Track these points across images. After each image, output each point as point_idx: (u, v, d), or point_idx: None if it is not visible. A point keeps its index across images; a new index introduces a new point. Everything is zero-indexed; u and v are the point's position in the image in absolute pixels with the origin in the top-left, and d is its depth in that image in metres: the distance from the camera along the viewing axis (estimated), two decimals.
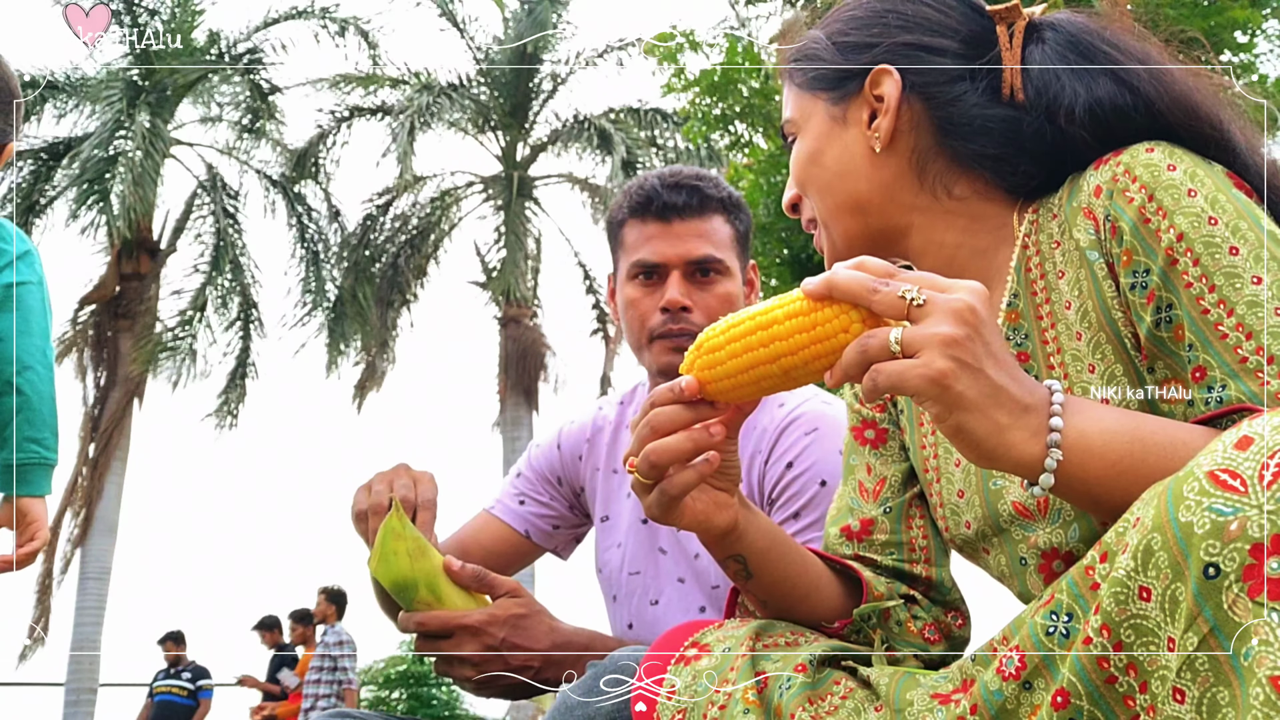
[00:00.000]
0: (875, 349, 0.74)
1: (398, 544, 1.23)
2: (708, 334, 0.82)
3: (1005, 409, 0.73)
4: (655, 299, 1.46)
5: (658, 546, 1.55)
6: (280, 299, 15.69)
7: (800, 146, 1.04)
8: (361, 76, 13.50)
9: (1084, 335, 0.90)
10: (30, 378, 1.98)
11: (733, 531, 0.94)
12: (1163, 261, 0.83)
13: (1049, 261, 0.93)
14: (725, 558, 0.97)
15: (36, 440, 1.99)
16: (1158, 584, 0.61)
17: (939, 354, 0.72)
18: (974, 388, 0.72)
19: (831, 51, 1.02)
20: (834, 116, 1.01)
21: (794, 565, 1.00)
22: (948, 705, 0.78)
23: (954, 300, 0.73)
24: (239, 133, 13.60)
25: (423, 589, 1.24)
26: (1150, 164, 0.85)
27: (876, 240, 1.01)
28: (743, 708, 0.84)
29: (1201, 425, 0.78)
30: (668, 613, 1.53)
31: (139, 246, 12.85)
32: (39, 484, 2.01)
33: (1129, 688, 0.64)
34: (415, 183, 13.38)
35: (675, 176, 1.49)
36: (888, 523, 1.08)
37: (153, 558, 22.02)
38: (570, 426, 1.67)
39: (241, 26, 13.35)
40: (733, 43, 7.69)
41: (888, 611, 1.03)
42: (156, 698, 8.81)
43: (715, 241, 1.47)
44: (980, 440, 0.74)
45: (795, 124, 1.05)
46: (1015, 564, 0.97)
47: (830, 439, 1.41)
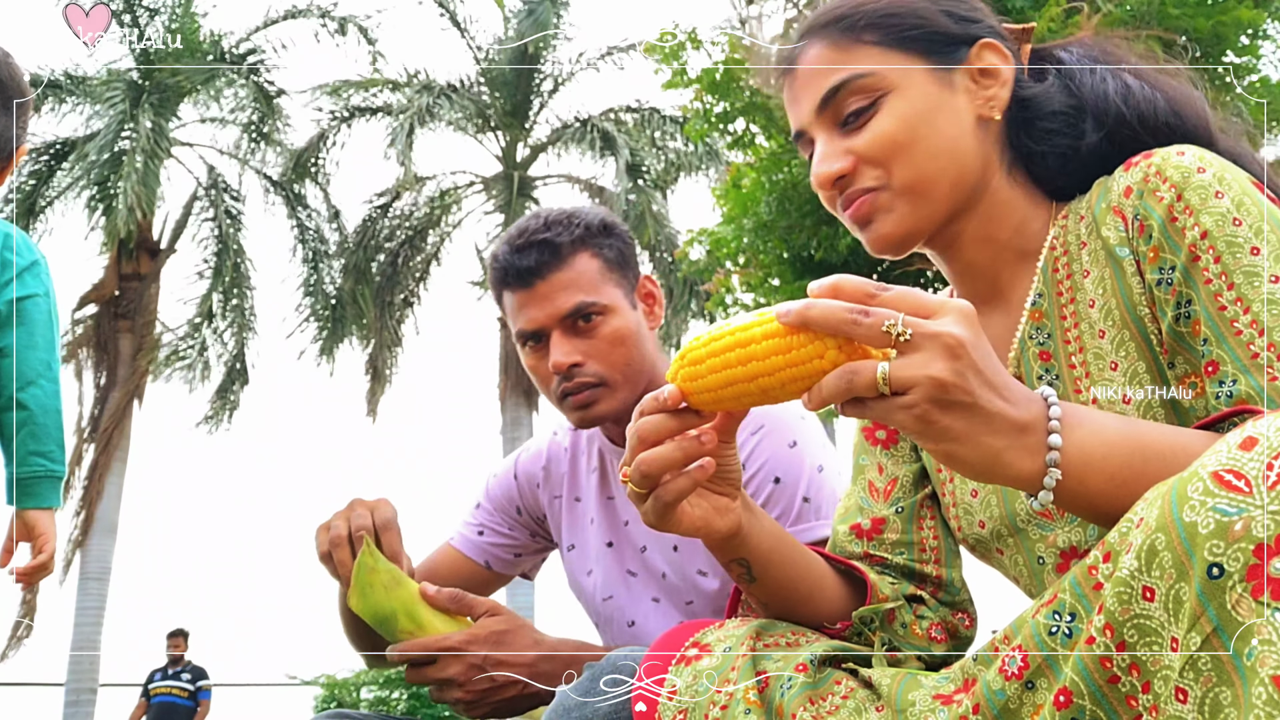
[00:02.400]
0: (861, 386, 0.71)
1: (372, 577, 1.25)
2: (691, 344, 0.81)
3: (1000, 434, 0.72)
4: (547, 363, 1.42)
5: (626, 569, 1.54)
6: (280, 299, 15.70)
7: (897, 107, 0.95)
8: (362, 81, 13.51)
9: (1107, 333, 0.92)
10: (35, 392, 1.99)
11: (736, 536, 0.93)
12: (1185, 258, 0.85)
13: (1075, 262, 0.95)
14: (729, 561, 0.97)
15: (42, 453, 1.99)
16: (1161, 584, 0.61)
17: (925, 395, 0.70)
18: (963, 421, 0.71)
19: (939, 16, 0.99)
20: (940, 80, 0.97)
21: (798, 567, 0.99)
22: (949, 705, 0.77)
23: (942, 333, 0.70)
24: (249, 137, 13.59)
25: (403, 618, 1.26)
26: (1181, 166, 0.87)
27: (946, 220, 0.98)
28: (744, 708, 0.84)
29: (1203, 429, 0.78)
30: (645, 632, 1.53)
31: (139, 247, 12.85)
32: (46, 497, 2.01)
33: (1132, 688, 0.64)
34: (415, 183, 13.38)
35: (523, 236, 1.43)
36: (899, 522, 1.08)
37: (153, 558, 22.02)
38: (525, 455, 1.66)
39: (241, 27, 13.38)
40: (734, 41, 7.68)
41: (892, 614, 1.03)
42: (155, 699, 8.80)
43: (584, 285, 1.40)
44: (974, 466, 0.73)
45: (884, 81, 0.96)
46: (1033, 563, 0.98)
47: (778, 435, 1.40)
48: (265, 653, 23.81)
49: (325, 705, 10.60)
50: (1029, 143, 0.99)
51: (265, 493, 35.60)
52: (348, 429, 34.50)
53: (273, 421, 38.15)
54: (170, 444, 27.32)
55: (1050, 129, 0.98)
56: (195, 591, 24.19)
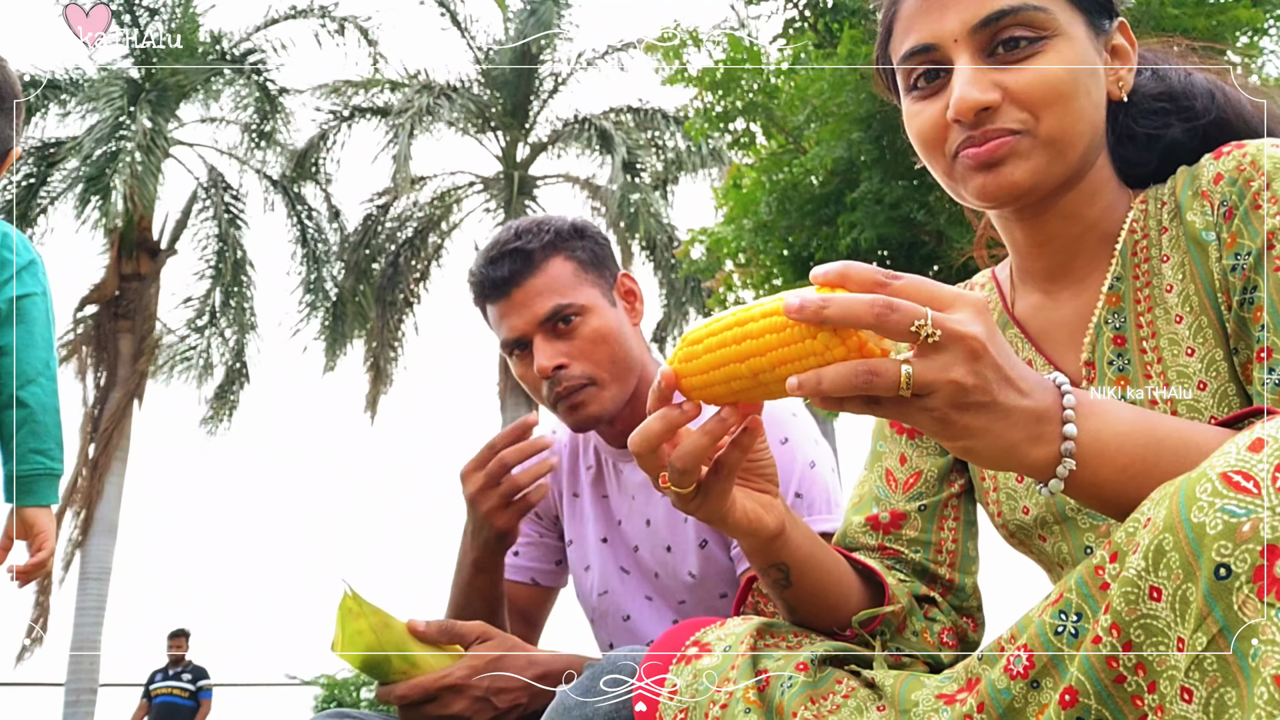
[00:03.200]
0: (882, 387, 0.68)
1: (359, 622, 1.22)
2: (693, 329, 0.80)
3: (1017, 427, 0.71)
4: (534, 369, 1.45)
5: (620, 566, 1.56)
6: (280, 299, 15.70)
7: (1066, 53, 0.90)
8: (362, 81, 13.51)
9: (1185, 319, 0.91)
10: (34, 390, 2.01)
11: (780, 536, 0.92)
12: (1261, 244, 0.85)
13: (1155, 247, 0.94)
14: (767, 565, 0.95)
15: (41, 451, 2.02)
16: (1168, 584, 0.61)
17: (946, 398, 0.69)
18: (982, 419, 0.70)
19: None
20: (1095, 44, 0.94)
21: (830, 575, 0.98)
22: (953, 705, 0.77)
23: (966, 334, 0.68)
24: (249, 137, 13.60)
25: (396, 659, 1.23)
26: (1275, 156, 0.87)
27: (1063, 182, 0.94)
28: (744, 707, 0.83)
29: (1221, 426, 0.78)
30: (640, 625, 1.54)
31: (139, 246, 12.85)
32: (44, 494, 2.04)
33: (1137, 687, 0.64)
34: (415, 183, 13.39)
35: (496, 248, 1.46)
36: (920, 520, 1.07)
37: (153, 558, 22.04)
38: None
39: (241, 26, 13.37)
40: (735, 40, 7.68)
41: (904, 624, 1.02)
42: (156, 699, 8.80)
43: (559, 288, 1.42)
44: (990, 458, 0.73)
45: (1054, 22, 0.90)
46: (1079, 553, 0.97)
47: (769, 432, 1.37)
48: (265, 653, 23.83)
49: (325, 705, 10.61)
50: (1130, 124, 0.99)
51: (265, 492, 35.62)
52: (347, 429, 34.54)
53: (273, 421, 38.16)
54: (170, 444, 27.34)
55: (1149, 112, 0.98)
56: (195, 591, 24.20)
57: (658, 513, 1.50)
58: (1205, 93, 0.99)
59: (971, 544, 1.09)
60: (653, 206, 13.11)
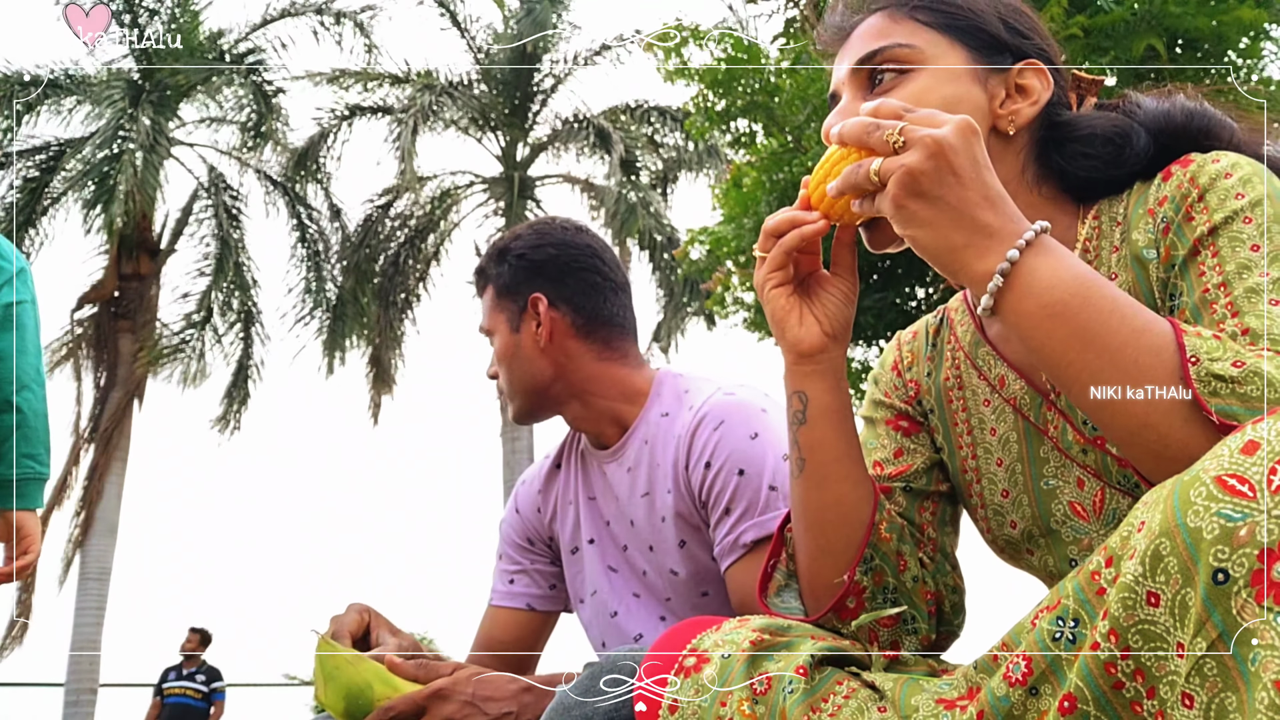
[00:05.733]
0: (862, 177, 0.85)
1: (337, 660, 1.26)
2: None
3: (963, 230, 0.81)
4: None
5: (607, 565, 1.59)
6: (281, 299, 15.70)
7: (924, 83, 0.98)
8: (359, 72, 13.49)
9: None
10: (27, 396, 2.07)
11: (821, 353, 0.98)
12: (1187, 252, 0.88)
13: (1104, 266, 0.96)
14: (792, 392, 1.00)
15: (32, 456, 2.08)
16: (1167, 589, 0.61)
17: (898, 182, 0.82)
18: (930, 210, 0.81)
19: (995, 20, 1.02)
20: (974, 78, 0.99)
21: (846, 438, 1.00)
22: (953, 710, 0.77)
23: (925, 135, 0.81)
24: (245, 136, 13.60)
25: (378, 685, 1.25)
26: (1211, 170, 0.90)
27: None
28: (745, 707, 0.83)
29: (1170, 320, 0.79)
30: (629, 621, 1.55)
31: (139, 247, 12.85)
32: (33, 498, 2.10)
33: (1136, 693, 0.64)
34: (416, 183, 13.38)
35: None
36: (904, 499, 1.09)
37: (152, 558, 22.04)
38: (522, 486, 1.73)
39: (240, 25, 13.35)
40: (736, 40, 7.68)
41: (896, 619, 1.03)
42: (169, 699, 8.76)
43: (485, 311, 1.62)
44: (933, 253, 0.83)
45: (920, 56, 0.99)
46: (1064, 565, 0.99)
47: (739, 428, 1.43)
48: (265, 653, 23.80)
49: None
50: (1060, 160, 1.00)
51: (265, 492, 35.62)
52: (348, 428, 34.55)
53: (273, 421, 38.19)
54: (170, 444, 27.36)
55: (1086, 152, 0.99)
56: (195, 591, 24.21)
57: (639, 514, 1.52)
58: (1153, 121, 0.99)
59: (948, 541, 1.11)
60: (652, 206, 13.11)
